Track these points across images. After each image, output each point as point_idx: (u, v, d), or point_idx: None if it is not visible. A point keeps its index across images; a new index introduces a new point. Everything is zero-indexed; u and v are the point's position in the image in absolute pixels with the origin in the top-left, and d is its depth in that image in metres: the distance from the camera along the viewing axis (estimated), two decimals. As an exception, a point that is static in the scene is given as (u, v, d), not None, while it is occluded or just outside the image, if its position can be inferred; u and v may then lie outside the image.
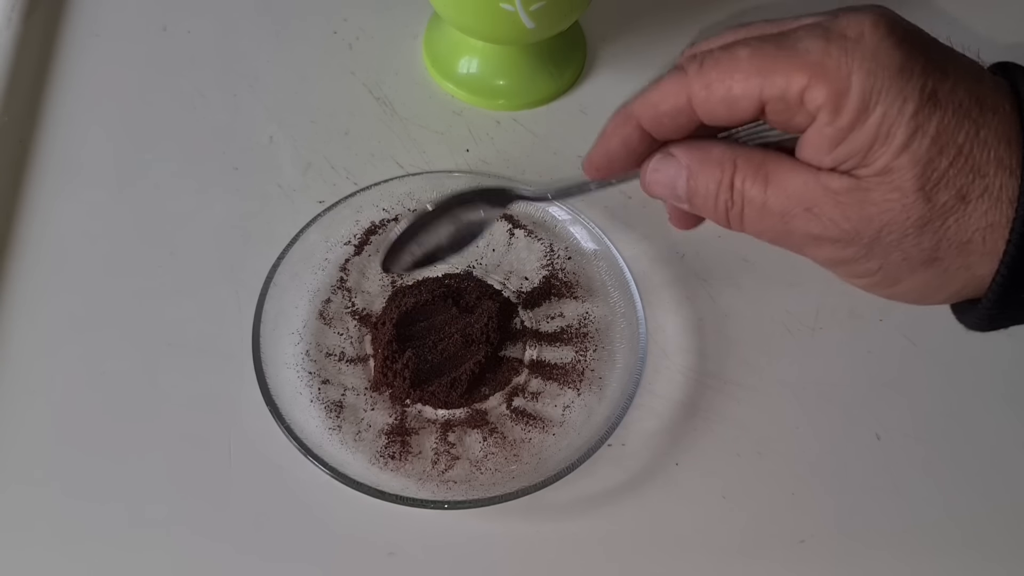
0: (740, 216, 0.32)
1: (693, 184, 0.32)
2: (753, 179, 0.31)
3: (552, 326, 0.47)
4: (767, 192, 0.31)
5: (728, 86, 0.30)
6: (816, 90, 0.28)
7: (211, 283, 0.48)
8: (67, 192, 0.50)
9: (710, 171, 0.32)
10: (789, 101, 0.29)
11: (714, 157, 0.32)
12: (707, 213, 0.33)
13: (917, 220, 0.29)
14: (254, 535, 0.42)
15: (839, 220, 0.30)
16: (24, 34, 0.55)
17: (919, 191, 0.29)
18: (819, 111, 0.29)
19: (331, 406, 0.43)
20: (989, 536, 0.43)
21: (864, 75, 0.28)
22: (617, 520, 0.43)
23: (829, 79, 0.28)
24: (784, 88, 0.29)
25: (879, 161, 0.29)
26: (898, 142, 0.28)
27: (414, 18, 0.58)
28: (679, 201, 0.33)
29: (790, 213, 0.30)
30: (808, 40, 0.29)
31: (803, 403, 0.46)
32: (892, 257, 0.30)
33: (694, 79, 0.31)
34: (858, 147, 0.29)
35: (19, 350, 0.45)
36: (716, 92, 0.30)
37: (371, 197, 0.48)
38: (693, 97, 0.31)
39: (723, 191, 0.32)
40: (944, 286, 0.31)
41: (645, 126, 0.33)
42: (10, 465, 0.43)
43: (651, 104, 0.32)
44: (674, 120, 0.32)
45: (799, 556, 0.42)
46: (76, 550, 0.41)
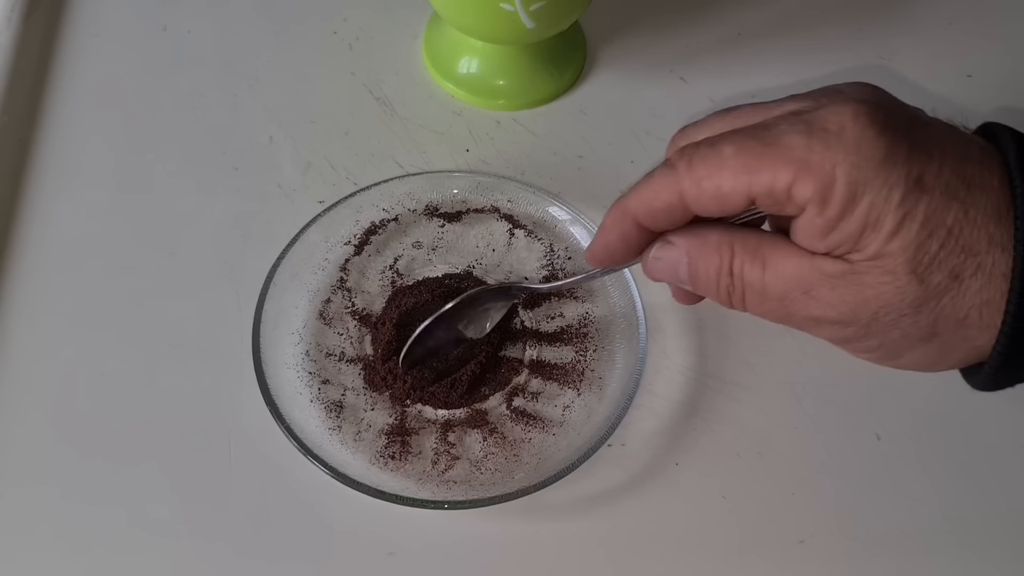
0: (742, 299, 0.33)
1: (694, 269, 0.33)
2: (751, 263, 0.32)
3: (552, 326, 0.47)
4: (765, 276, 0.32)
5: (717, 184, 0.30)
6: (802, 185, 0.29)
7: (211, 283, 0.48)
8: (67, 192, 0.50)
9: (709, 257, 0.33)
10: (777, 196, 0.30)
11: (712, 243, 0.33)
12: (710, 295, 0.34)
13: (912, 301, 0.30)
14: (254, 535, 0.42)
15: (836, 303, 0.31)
16: (24, 34, 0.55)
17: (911, 274, 0.29)
18: (807, 204, 0.29)
19: (331, 406, 0.43)
20: (989, 536, 0.43)
21: (848, 168, 0.29)
22: (617, 520, 0.43)
23: (814, 174, 0.29)
24: (771, 184, 0.30)
25: (870, 247, 0.29)
26: (887, 229, 0.29)
27: (414, 18, 0.58)
28: (682, 284, 0.34)
29: (789, 297, 0.31)
30: (790, 136, 0.30)
31: (803, 403, 0.46)
32: (891, 335, 0.31)
33: (684, 177, 0.31)
34: (848, 235, 0.29)
35: (19, 350, 0.45)
36: (706, 190, 0.31)
37: (371, 197, 0.48)
38: (684, 194, 0.32)
39: (723, 276, 0.33)
40: (946, 357, 0.32)
41: (642, 222, 0.34)
42: (10, 465, 0.43)
43: (645, 201, 0.33)
44: (668, 215, 0.33)
45: (799, 556, 0.42)
46: (76, 550, 0.41)
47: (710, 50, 0.57)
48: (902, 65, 0.57)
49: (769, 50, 0.57)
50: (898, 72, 0.56)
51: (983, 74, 0.57)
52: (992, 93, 0.56)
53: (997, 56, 0.58)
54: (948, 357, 0.32)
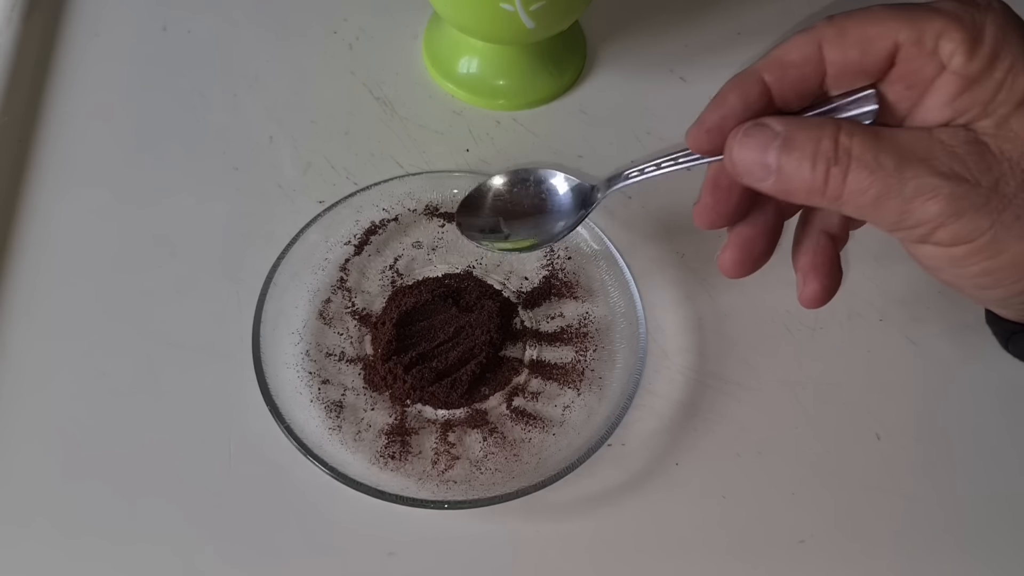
0: (843, 176, 0.30)
1: (787, 150, 0.31)
2: (863, 138, 0.30)
3: (552, 326, 0.47)
4: (879, 148, 0.30)
5: (864, 29, 0.30)
6: (952, 34, 0.29)
7: (211, 283, 0.48)
8: (67, 192, 0.50)
9: (809, 134, 0.30)
10: (924, 44, 0.30)
11: (813, 122, 0.31)
12: (799, 181, 0.31)
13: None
14: (254, 535, 0.42)
15: (958, 168, 0.29)
16: (24, 34, 0.55)
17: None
18: (952, 56, 0.29)
19: (331, 406, 0.43)
20: (988, 536, 0.43)
21: (996, 28, 0.29)
22: (617, 520, 0.43)
23: (965, 25, 0.29)
24: (921, 31, 0.30)
25: (1000, 110, 0.29)
26: (1021, 92, 0.29)
27: (414, 18, 0.58)
28: (765, 172, 0.31)
29: (905, 164, 0.29)
30: (943, 2, 0.30)
31: (803, 403, 0.46)
32: (1005, 215, 0.29)
33: (826, 28, 0.31)
34: (982, 96, 0.29)
35: (19, 350, 0.45)
36: (851, 35, 0.30)
37: (371, 197, 0.48)
38: (825, 43, 0.31)
39: (824, 149, 0.30)
40: None
41: (769, 81, 0.32)
42: (10, 465, 0.43)
43: (777, 57, 0.32)
44: (800, 72, 0.31)
45: (799, 556, 0.42)
46: (76, 550, 0.41)
47: (710, 50, 0.57)
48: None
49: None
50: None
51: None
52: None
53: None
54: None
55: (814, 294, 0.35)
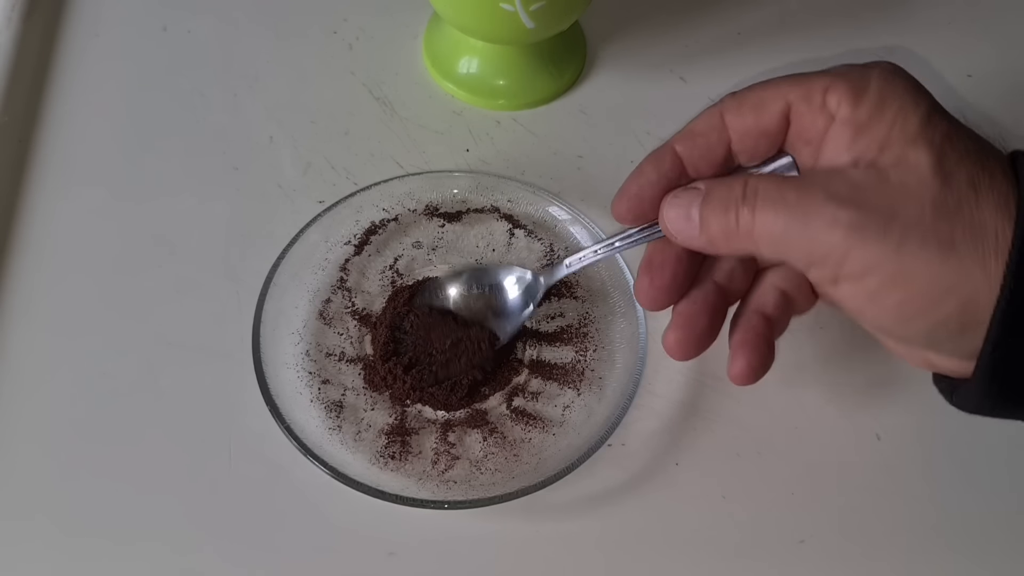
0: (752, 213, 0.32)
1: (708, 200, 0.34)
2: (769, 179, 0.33)
3: (552, 326, 0.47)
4: (783, 185, 0.32)
5: (758, 94, 0.34)
6: (837, 87, 0.32)
7: (211, 283, 0.48)
8: (67, 192, 0.50)
9: (726, 183, 0.34)
10: (812, 101, 0.32)
11: (732, 177, 0.34)
12: (716, 227, 0.33)
13: (933, 199, 0.30)
14: (254, 535, 0.42)
15: (856, 196, 0.31)
16: (24, 34, 0.55)
17: (934, 170, 0.30)
18: (839, 106, 0.32)
19: (331, 406, 0.43)
20: (989, 536, 0.43)
21: (881, 81, 0.32)
22: (617, 520, 0.43)
23: (850, 80, 0.32)
24: (808, 89, 0.32)
25: (895, 148, 0.31)
26: (912, 130, 0.31)
27: (414, 18, 0.58)
28: (692, 229, 0.34)
29: (808, 199, 0.31)
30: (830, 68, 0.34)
31: (803, 403, 0.46)
32: (908, 243, 0.30)
33: (727, 100, 0.34)
34: (876, 137, 0.31)
35: (19, 350, 0.45)
36: (748, 101, 0.34)
37: (371, 197, 0.48)
38: (726, 112, 0.34)
39: (735, 195, 0.33)
40: (956, 286, 0.30)
41: (680, 152, 0.35)
42: (10, 465, 0.43)
43: (687, 129, 0.35)
44: (706, 139, 0.34)
45: (799, 556, 0.42)
46: (76, 550, 0.41)
47: (710, 50, 0.58)
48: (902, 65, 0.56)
49: (769, 50, 0.57)
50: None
51: (983, 74, 0.57)
52: (992, 93, 0.56)
53: (997, 56, 0.58)
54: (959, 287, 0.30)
55: (740, 371, 0.35)
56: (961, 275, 0.30)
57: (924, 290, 0.30)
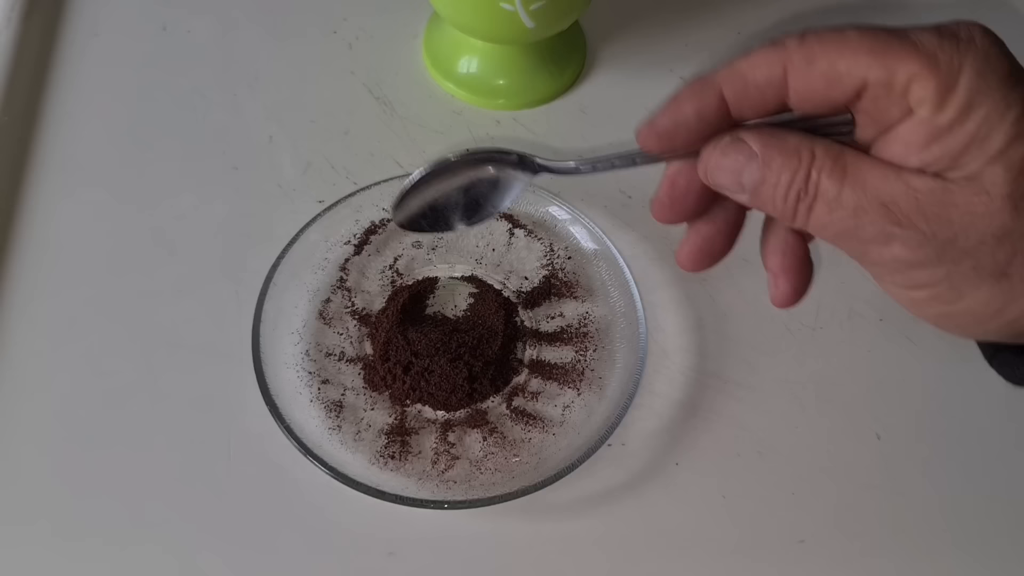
0: (809, 208, 0.30)
1: (765, 173, 0.30)
2: (831, 171, 0.29)
3: (552, 326, 0.47)
4: (843, 185, 0.29)
5: (832, 61, 0.29)
6: (924, 80, 0.28)
7: (211, 283, 0.48)
8: (67, 192, 0.50)
9: (786, 160, 0.30)
10: (893, 88, 0.28)
11: (791, 146, 0.30)
12: (772, 204, 0.31)
13: (999, 228, 0.28)
14: (254, 535, 0.42)
15: (916, 218, 0.28)
16: (24, 34, 0.55)
17: (1007, 198, 0.28)
18: (921, 104, 0.28)
19: (331, 406, 0.43)
20: (989, 536, 0.43)
21: (974, 74, 0.28)
22: (617, 520, 0.43)
23: (940, 71, 0.27)
24: (892, 72, 0.28)
25: (972, 165, 0.28)
26: (995, 147, 0.28)
27: (414, 18, 0.58)
28: (739, 191, 0.31)
29: (864, 208, 0.29)
30: (922, 33, 0.28)
31: (803, 403, 0.46)
32: (962, 266, 0.29)
33: (795, 51, 0.29)
34: (953, 148, 0.28)
35: (19, 350, 0.45)
36: (818, 66, 0.29)
37: (371, 197, 0.48)
38: (791, 68, 0.29)
39: (797, 182, 0.30)
40: (1003, 310, 0.29)
41: (728, 96, 0.30)
42: (10, 465, 0.43)
43: (740, 73, 0.30)
44: (762, 93, 0.30)
45: (799, 556, 0.42)
46: (76, 550, 0.41)
47: (710, 50, 0.58)
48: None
49: (769, 50, 0.57)
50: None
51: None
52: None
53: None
54: (1005, 310, 0.29)
55: (785, 295, 0.34)
56: (1010, 299, 0.29)
57: (969, 310, 0.30)
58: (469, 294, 0.47)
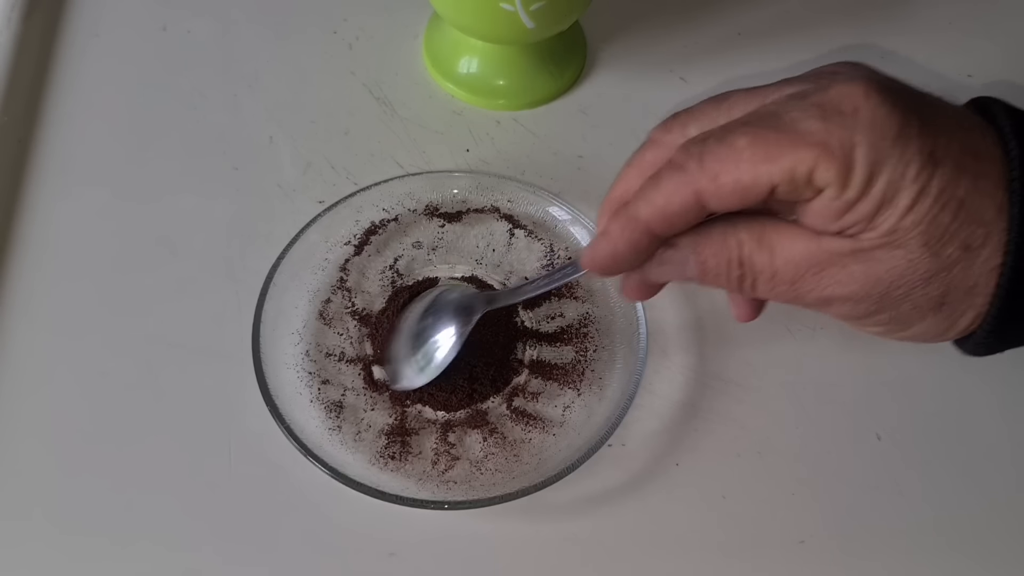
0: (753, 285, 0.33)
1: (702, 266, 0.33)
2: (759, 251, 0.32)
3: (552, 326, 0.47)
4: (775, 261, 0.32)
5: (736, 177, 0.30)
6: (824, 169, 0.29)
7: (211, 283, 0.48)
8: (67, 192, 0.50)
9: (718, 251, 0.33)
10: (798, 182, 0.30)
11: (716, 237, 0.33)
12: (721, 284, 0.34)
13: (923, 274, 0.30)
14: (254, 535, 0.42)
15: (847, 281, 0.31)
16: (24, 34, 0.55)
17: (924, 247, 0.30)
18: (827, 186, 0.29)
19: (331, 406, 0.43)
20: (988, 536, 0.43)
21: (867, 148, 0.29)
22: (617, 520, 0.43)
23: (835, 157, 0.29)
24: (792, 170, 0.29)
25: (884, 225, 0.30)
26: (903, 205, 0.29)
27: (414, 18, 0.58)
28: (690, 280, 0.34)
29: (800, 279, 0.32)
30: (806, 121, 0.30)
31: (803, 403, 0.46)
32: (902, 308, 0.31)
33: (698, 175, 0.31)
34: (864, 214, 0.30)
35: (19, 350, 0.45)
36: (725, 185, 0.30)
37: (371, 197, 0.48)
38: (701, 193, 0.31)
39: (734, 267, 0.33)
40: (953, 326, 0.32)
41: (656, 231, 0.32)
42: (10, 465, 0.43)
43: (658, 208, 0.32)
44: (684, 218, 0.32)
45: (799, 556, 0.42)
46: (76, 550, 0.41)
47: (710, 50, 0.57)
48: (902, 65, 0.57)
49: (769, 50, 0.57)
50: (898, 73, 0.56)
51: (983, 74, 0.57)
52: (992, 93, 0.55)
53: (997, 56, 0.58)
54: (955, 325, 0.32)
55: (745, 313, 0.37)
56: (954, 320, 0.32)
57: (921, 333, 0.33)
58: (469, 294, 0.47)
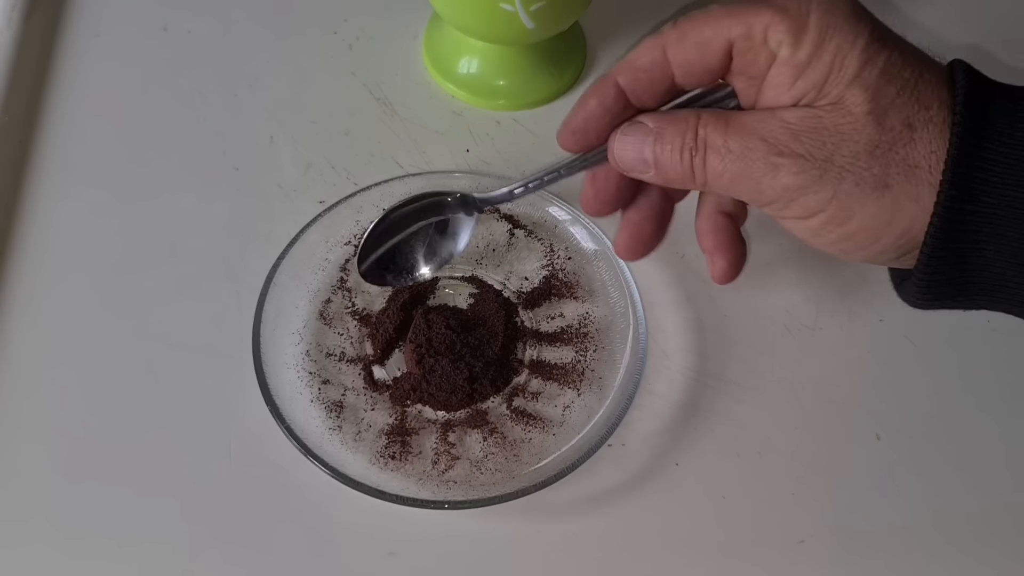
0: (704, 162, 0.34)
1: (660, 144, 0.34)
2: (715, 126, 0.33)
3: (552, 326, 0.47)
4: (728, 134, 0.33)
5: (700, 33, 0.33)
6: (778, 26, 0.32)
7: (211, 283, 0.48)
8: (67, 192, 0.50)
9: (676, 126, 0.34)
10: (754, 39, 0.32)
11: (680, 116, 0.34)
12: (672, 170, 0.34)
13: (867, 142, 0.31)
14: (254, 535, 0.42)
15: (793, 144, 0.32)
16: (24, 34, 0.55)
17: (869, 114, 0.31)
18: (780, 46, 0.32)
19: (331, 406, 0.44)
20: (988, 536, 0.43)
21: (820, 14, 0.32)
22: (617, 520, 0.43)
23: (790, 16, 0.32)
24: (749, 26, 0.32)
25: (834, 91, 0.31)
26: (850, 72, 0.31)
27: (414, 18, 0.58)
28: (644, 166, 0.35)
29: (749, 148, 0.32)
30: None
31: (803, 403, 0.46)
32: (845, 183, 0.32)
33: (669, 32, 0.34)
34: (815, 80, 0.32)
35: (19, 350, 0.45)
36: (689, 39, 0.33)
37: (371, 197, 0.48)
38: (669, 48, 0.34)
39: (687, 141, 0.34)
40: (892, 220, 0.32)
41: (622, 83, 0.35)
42: (10, 465, 0.43)
43: (629, 62, 0.34)
44: (650, 75, 0.34)
45: (799, 556, 0.42)
46: (76, 550, 0.41)
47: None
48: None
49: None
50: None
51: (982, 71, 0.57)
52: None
53: (997, 56, 0.58)
54: (896, 221, 0.32)
55: (723, 271, 0.37)
56: (896, 210, 0.32)
57: (862, 227, 0.32)
58: (469, 294, 0.47)
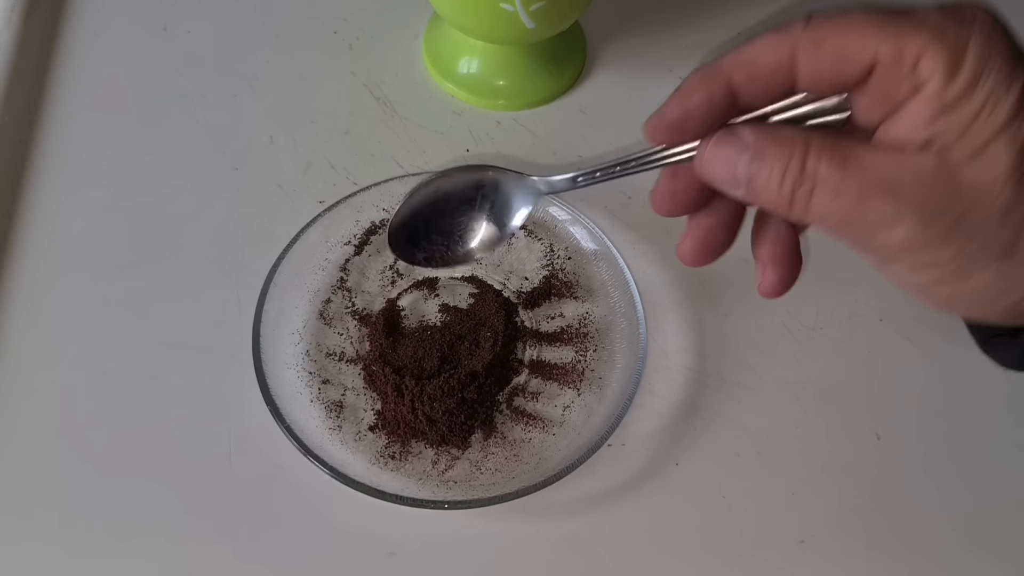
0: (808, 197, 0.29)
1: (757, 165, 0.30)
2: (830, 159, 0.29)
3: (552, 326, 0.47)
4: (846, 172, 0.29)
5: (841, 43, 0.28)
6: (933, 54, 0.28)
7: (211, 283, 0.48)
8: (67, 192, 0.50)
9: (779, 150, 0.30)
10: (903, 62, 0.28)
11: (784, 137, 0.30)
12: (767, 196, 0.30)
13: (1004, 204, 0.28)
14: (254, 535, 0.42)
15: (923, 198, 0.28)
16: (24, 34, 0.55)
17: (1012, 174, 0.28)
18: (931, 76, 0.28)
19: (331, 406, 0.44)
20: (988, 536, 0.43)
21: (980, 47, 0.28)
22: (617, 520, 0.43)
23: (947, 44, 0.28)
24: (902, 46, 0.28)
25: (978, 137, 0.28)
26: (1001, 120, 0.28)
27: (414, 18, 0.58)
28: (735, 184, 0.31)
29: (868, 193, 0.29)
30: (927, 12, 0.28)
31: (803, 403, 0.46)
32: (971, 245, 0.29)
33: (802, 34, 0.29)
34: (961, 120, 0.28)
35: (20, 350, 0.45)
36: (828, 47, 0.29)
37: (371, 197, 0.48)
38: (800, 52, 0.29)
39: (792, 171, 0.29)
40: (1009, 289, 0.29)
41: (736, 82, 0.30)
42: (11, 464, 0.43)
43: (748, 59, 0.30)
44: (771, 78, 0.30)
45: (799, 556, 0.42)
46: (76, 550, 0.41)
47: (710, 50, 0.57)
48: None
49: (769, 50, 0.57)
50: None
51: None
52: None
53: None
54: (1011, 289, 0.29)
55: (772, 286, 0.34)
56: (1016, 278, 0.29)
57: (977, 289, 0.30)
58: (469, 294, 0.47)
